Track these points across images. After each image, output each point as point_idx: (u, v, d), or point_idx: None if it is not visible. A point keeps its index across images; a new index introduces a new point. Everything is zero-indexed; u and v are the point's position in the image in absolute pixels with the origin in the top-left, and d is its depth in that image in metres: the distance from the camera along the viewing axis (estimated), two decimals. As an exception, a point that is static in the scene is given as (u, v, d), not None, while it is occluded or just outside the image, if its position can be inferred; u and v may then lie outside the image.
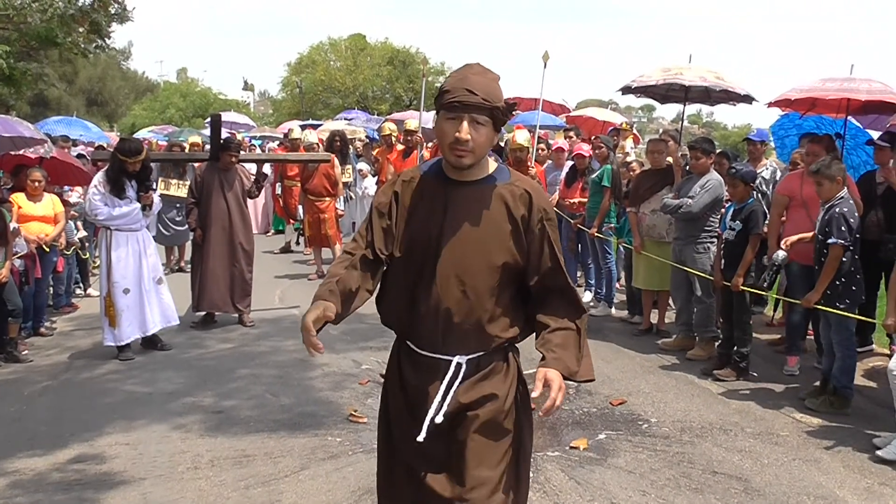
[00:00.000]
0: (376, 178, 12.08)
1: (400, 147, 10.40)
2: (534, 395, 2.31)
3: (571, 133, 12.11)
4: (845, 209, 5.35)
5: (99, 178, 6.68)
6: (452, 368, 2.41)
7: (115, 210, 6.58)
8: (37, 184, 7.30)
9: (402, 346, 2.57)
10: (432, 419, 2.37)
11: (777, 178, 7.74)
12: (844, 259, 5.37)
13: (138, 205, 6.68)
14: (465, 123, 2.22)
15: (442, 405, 2.38)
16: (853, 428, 5.22)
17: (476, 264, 2.34)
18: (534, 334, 2.50)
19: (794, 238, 5.81)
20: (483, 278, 2.36)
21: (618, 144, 10.46)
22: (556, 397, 2.25)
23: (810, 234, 5.74)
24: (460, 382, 2.40)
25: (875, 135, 7.54)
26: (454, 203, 2.35)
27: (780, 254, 5.79)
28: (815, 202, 6.09)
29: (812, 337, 6.84)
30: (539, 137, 9.83)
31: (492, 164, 2.42)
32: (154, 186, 7.04)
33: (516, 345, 2.54)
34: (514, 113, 2.42)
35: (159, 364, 6.57)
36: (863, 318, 5.62)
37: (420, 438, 2.37)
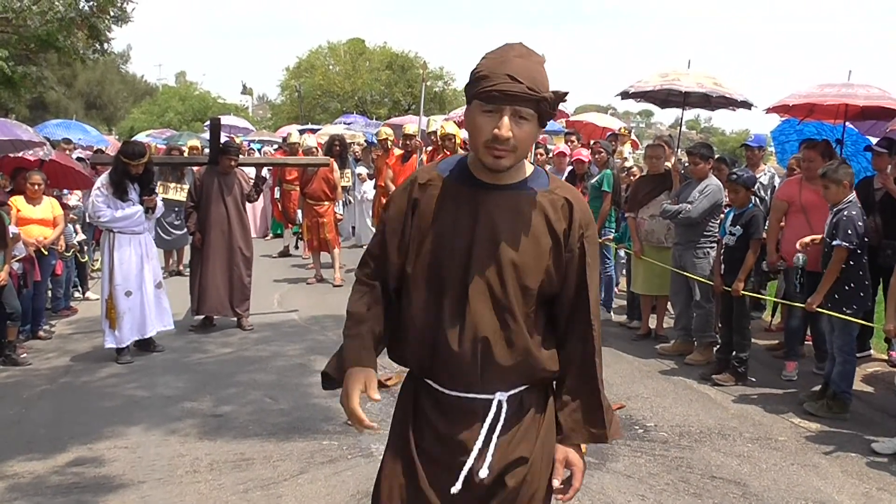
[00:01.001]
0: (374, 182, 12.08)
1: (398, 151, 10.41)
2: (555, 483, 2.06)
3: (573, 138, 12.14)
4: (853, 213, 5.38)
5: (102, 180, 6.73)
6: (494, 409, 2.04)
7: (118, 212, 6.61)
8: (36, 187, 7.30)
9: (420, 386, 2.15)
10: (472, 471, 2.03)
11: (775, 183, 7.77)
12: (853, 263, 5.39)
13: (140, 207, 6.71)
14: (505, 118, 1.86)
15: (485, 455, 2.02)
16: (851, 433, 5.23)
17: (512, 285, 1.98)
18: None
19: (808, 239, 5.82)
20: (520, 302, 2.00)
21: (616, 149, 10.48)
22: (579, 486, 2.07)
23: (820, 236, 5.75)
24: (503, 427, 2.04)
25: (873, 141, 7.57)
26: (486, 211, 1.99)
27: (800, 256, 5.82)
28: (814, 208, 6.12)
29: (811, 342, 6.85)
30: (537, 143, 9.84)
31: (528, 166, 2.08)
32: (157, 190, 7.06)
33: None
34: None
35: (158, 368, 6.57)
36: (863, 322, 5.63)
37: (455, 490, 2.03)
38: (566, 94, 1.98)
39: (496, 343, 1.99)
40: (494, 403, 2.03)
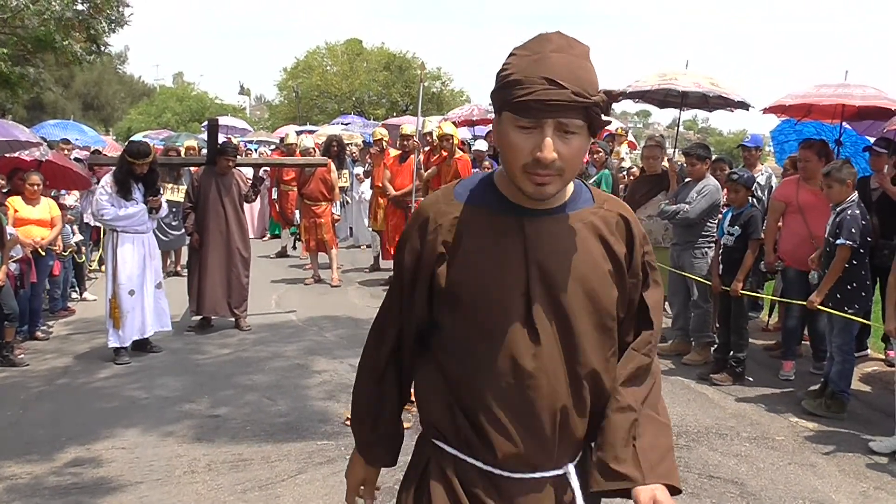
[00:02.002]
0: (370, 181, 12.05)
1: (394, 152, 10.41)
2: None
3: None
4: (856, 212, 5.40)
5: (107, 179, 6.78)
6: (575, 485, 1.69)
7: (121, 211, 6.65)
8: (35, 187, 7.30)
9: (457, 465, 1.72)
10: None
11: (772, 183, 7.78)
12: (855, 262, 5.41)
13: (144, 207, 6.74)
14: (548, 135, 1.49)
15: None
16: (849, 432, 5.24)
17: (587, 331, 1.65)
18: None
19: (816, 255, 5.85)
20: (599, 350, 1.67)
21: (613, 150, 10.49)
22: None
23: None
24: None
25: (871, 141, 7.58)
26: (536, 242, 1.63)
27: (815, 274, 5.87)
28: (812, 208, 6.14)
29: (808, 342, 6.86)
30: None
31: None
32: (161, 190, 7.10)
33: None
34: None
35: (156, 368, 6.56)
36: (863, 320, 5.64)
37: None
38: (621, 93, 1.58)
39: (576, 406, 1.66)
40: (572, 481, 1.69)
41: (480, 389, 1.64)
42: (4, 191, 7.47)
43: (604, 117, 1.57)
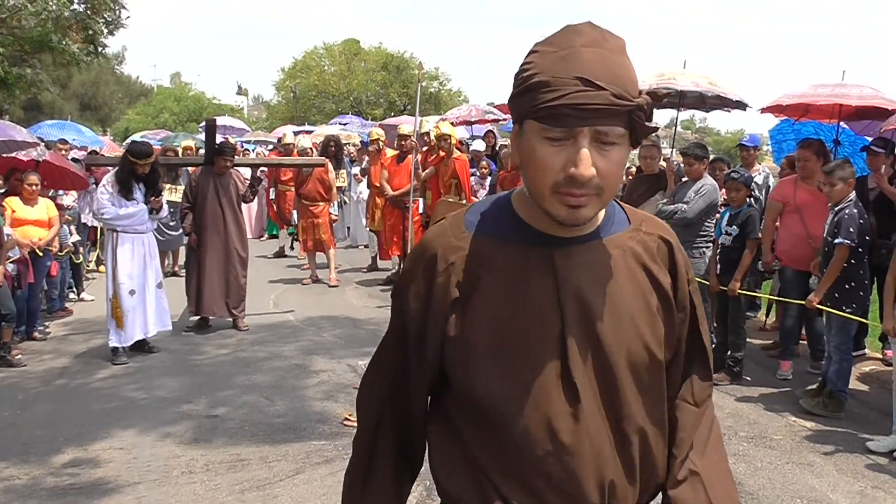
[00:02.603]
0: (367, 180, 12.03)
1: (391, 152, 10.41)
2: None
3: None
4: (854, 211, 5.41)
5: (109, 178, 6.81)
6: None
7: (122, 210, 6.68)
8: (33, 188, 7.30)
9: None
10: None
11: (770, 183, 7.79)
12: (853, 262, 5.42)
13: (144, 207, 6.77)
14: (584, 147, 1.23)
15: None
16: (846, 432, 5.24)
17: (629, 376, 1.39)
18: None
19: (817, 260, 5.88)
20: (642, 398, 1.41)
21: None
22: None
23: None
24: None
25: (869, 141, 7.60)
26: (569, 277, 1.36)
27: (814, 280, 5.87)
28: (809, 208, 6.14)
29: (806, 342, 6.87)
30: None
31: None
32: (163, 191, 7.13)
33: None
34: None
35: (154, 369, 6.56)
36: (861, 319, 5.65)
37: None
38: (666, 94, 1.27)
39: (626, 473, 1.40)
40: None
41: (510, 460, 1.36)
42: (2, 191, 7.46)
43: (648, 124, 1.30)
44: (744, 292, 6.20)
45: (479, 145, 11.62)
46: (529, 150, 1.30)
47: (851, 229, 5.34)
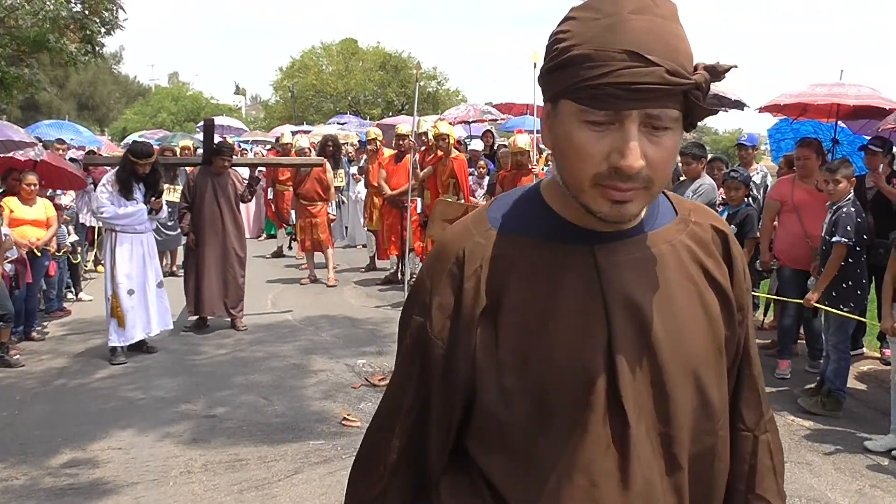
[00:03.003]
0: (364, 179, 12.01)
1: (389, 152, 10.41)
2: None
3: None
4: (852, 210, 5.42)
5: (109, 177, 6.82)
6: None
7: (121, 209, 6.69)
8: (31, 187, 7.30)
9: None
10: None
11: (768, 182, 7.80)
12: (851, 261, 5.43)
13: (143, 207, 6.78)
14: (632, 133, 1.05)
15: None
16: (844, 431, 5.25)
17: (688, 396, 1.19)
18: None
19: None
20: (701, 422, 1.21)
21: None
22: None
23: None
24: None
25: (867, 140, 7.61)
26: (615, 279, 1.17)
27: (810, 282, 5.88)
28: (807, 207, 6.15)
29: (804, 341, 6.88)
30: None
31: None
32: (163, 192, 7.16)
33: None
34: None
35: (153, 369, 6.56)
36: (859, 318, 5.65)
37: None
38: (731, 67, 1.17)
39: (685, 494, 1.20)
40: None
41: (545, 495, 1.15)
42: (0, 191, 7.46)
43: (706, 106, 1.11)
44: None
45: (477, 145, 11.61)
46: (566, 136, 1.10)
47: (849, 228, 5.35)
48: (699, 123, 1.15)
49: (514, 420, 1.16)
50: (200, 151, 8.55)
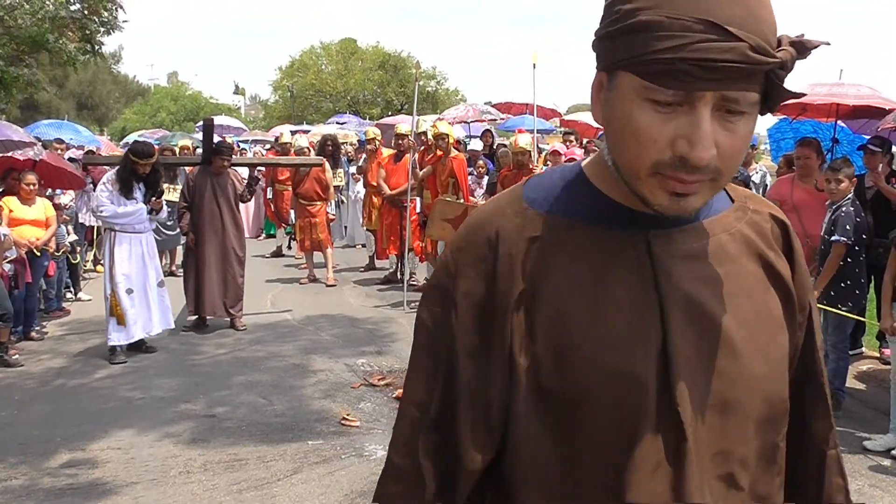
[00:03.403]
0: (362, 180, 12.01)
1: (387, 151, 10.41)
2: None
3: (572, 137, 12.18)
4: (851, 209, 5.42)
5: (109, 176, 6.84)
6: None
7: (120, 208, 6.70)
8: (31, 187, 7.29)
9: None
10: None
11: (767, 181, 7.80)
12: (850, 260, 5.43)
13: (143, 206, 6.79)
14: (705, 119, 0.91)
15: None
16: (843, 430, 5.24)
17: (752, 405, 1.03)
18: None
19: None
20: (762, 432, 1.05)
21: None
22: None
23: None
24: None
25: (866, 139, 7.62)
26: (672, 270, 1.03)
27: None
28: (806, 207, 6.15)
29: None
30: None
31: None
32: (164, 192, 7.19)
33: None
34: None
35: (152, 369, 6.56)
36: (857, 318, 5.66)
37: None
38: (818, 44, 0.96)
39: None
40: None
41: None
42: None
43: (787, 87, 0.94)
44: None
45: (476, 145, 11.62)
46: (624, 114, 0.95)
47: (848, 227, 5.35)
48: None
49: (537, 431, 1.01)
50: (200, 151, 8.54)
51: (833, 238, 5.39)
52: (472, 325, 1.04)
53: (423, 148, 9.82)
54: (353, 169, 13.52)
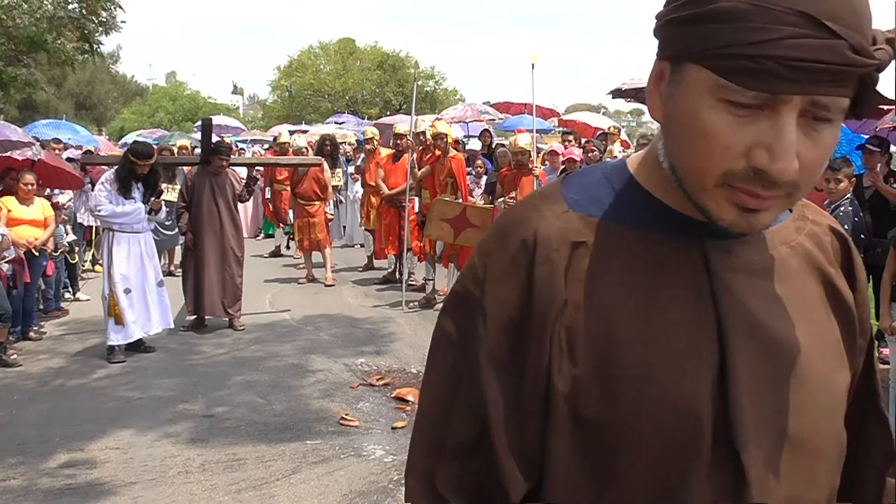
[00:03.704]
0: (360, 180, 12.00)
1: (385, 151, 10.41)
2: None
3: (570, 137, 12.18)
4: (850, 209, 5.43)
5: (108, 175, 6.85)
6: None
7: (118, 207, 6.70)
8: (29, 187, 7.29)
9: None
10: None
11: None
12: None
13: (141, 206, 6.79)
14: (791, 127, 0.78)
15: None
16: (842, 430, 5.25)
17: (818, 440, 0.91)
18: None
19: None
20: (828, 471, 0.94)
21: (607, 148, 10.53)
22: None
23: None
24: None
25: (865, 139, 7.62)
26: (733, 284, 0.91)
27: None
28: (804, 206, 6.16)
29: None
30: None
31: None
32: (162, 193, 7.19)
33: None
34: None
35: (151, 368, 6.55)
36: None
37: None
38: None
39: None
40: None
41: None
42: (-2, 190, 7.46)
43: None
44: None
45: (474, 144, 11.62)
46: (691, 114, 0.82)
47: (846, 226, 5.36)
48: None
49: (586, 467, 0.87)
50: (198, 151, 8.54)
51: None
52: (503, 339, 0.90)
53: (421, 148, 9.82)
54: (351, 169, 13.52)
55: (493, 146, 12.20)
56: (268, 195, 12.94)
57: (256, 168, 10.26)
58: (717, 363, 0.87)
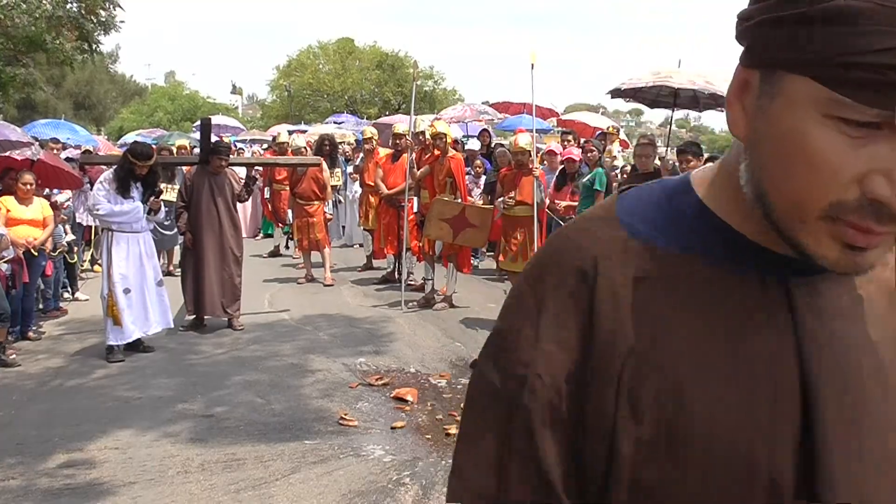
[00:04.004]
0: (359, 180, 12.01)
1: (384, 151, 10.41)
2: None
3: (570, 137, 12.19)
4: None
5: (107, 175, 6.85)
6: None
7: (117, 207, 6.71)
8: (28, 187, 7.29)
9: None
10: None
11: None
12: None
13: (139, 205, 6.81)
14: None
15: None
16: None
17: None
18: None
19: None
20: None
21: (605, 148, 10.53)
22: None
23: None
24: None
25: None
26: (819, 330, 0.78)
27: None
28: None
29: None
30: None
31: None
32: (161, 192, 7.20)
33: None
34: None
35: (150, 368, 6.55)
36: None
37: None
38: None
39: None
40: None
41: None
42: (-4, 190, 7.46)
43: None
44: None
45: (473, 144, 11.62)
46: (793, 134, 0.70)
47: None
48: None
49: None
50: (197, 151, 8.54)
51: None
52: (563, 387, 0.77)
53: (420, 147, 9.82)
54: (350, 168, 13.52)
55: (492, 146, 12.21)
56: (267, 195, 12.94)
57: (255, 168, 10.26)
58: (798, 419, 0.76)
